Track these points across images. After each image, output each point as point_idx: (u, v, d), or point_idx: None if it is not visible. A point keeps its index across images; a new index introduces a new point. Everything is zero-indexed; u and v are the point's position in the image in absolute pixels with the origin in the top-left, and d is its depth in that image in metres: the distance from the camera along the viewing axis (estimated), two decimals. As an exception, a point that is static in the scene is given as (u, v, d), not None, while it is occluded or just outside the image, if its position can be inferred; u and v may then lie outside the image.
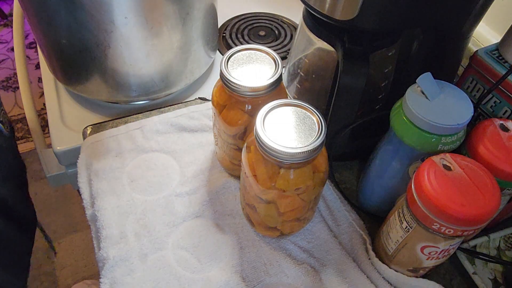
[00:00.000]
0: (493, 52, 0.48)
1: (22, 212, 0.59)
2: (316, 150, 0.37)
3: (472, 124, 0.42)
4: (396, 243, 0.42)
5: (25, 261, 0.61)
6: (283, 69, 0.47)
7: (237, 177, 0.53)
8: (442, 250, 0.38)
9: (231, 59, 0.45)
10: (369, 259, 0.46)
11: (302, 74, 0.55)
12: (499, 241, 0.48)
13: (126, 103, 0.66)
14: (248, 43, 0.77)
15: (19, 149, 0.63)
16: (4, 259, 0.54)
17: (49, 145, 0.65)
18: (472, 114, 0.39)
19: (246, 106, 0.44)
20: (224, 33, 0.79)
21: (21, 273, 0.59)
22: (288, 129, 0.38)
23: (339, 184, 0.54)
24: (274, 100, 0.41)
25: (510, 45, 0.46)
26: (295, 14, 0.84)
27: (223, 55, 0.55)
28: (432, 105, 0.40)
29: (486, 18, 0.58)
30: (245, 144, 0.42)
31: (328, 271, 0.46)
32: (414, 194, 0.37)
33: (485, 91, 0.48)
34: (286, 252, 0.47)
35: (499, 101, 0.47)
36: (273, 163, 0.38)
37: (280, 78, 0.44)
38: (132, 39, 0.54)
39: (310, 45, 0.52)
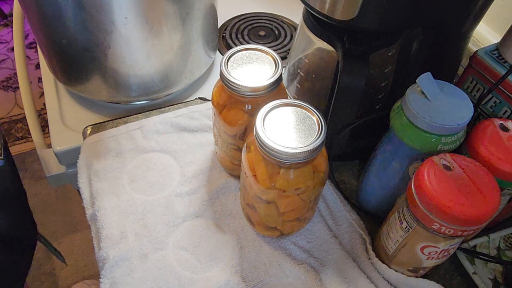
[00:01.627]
0: (493, 52, 0.48)
1: (20, 240, 0.58)
2: (316, 150, 0.37)
3: (472, 124, 0.42)
4: (396, 243, 0.42)
5: (19, 284, 0.60)
6: (283, 69, 0.47)
7: (237, 177, 0.53)
8: (442, 250, 0.38)
9: (231, 59, 0.45)
10: (369, 259, 0.46)
11: (302, 74, 0.55)
12: (499, 241, 0.48)
13: (126, 103, 0.66)
14: (248, 43, 0.77)
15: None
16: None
17: (49, 145, 0.65)
18: (472, 114, 0.39)
19: (246, 106, 0.44)
20: (224, 33, 0.79)
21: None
22: (288, 129, 0.38)
23: (339, 184, 0.54)
24: (274, 100, 0.41)
25: (510, 45, 0.46)
26: (295, 14, 0.84)
27: (223, 55, 0.55)
28: (432, 105, 0.40)
29: (486, 18, 0.58)
30: (245, 144, 0.42)
31: (328, 271, 0.46)
32: (414, 194, 0.37)
33: (485, 91, 0.48)
34: (286, 252, 0.47)
35: (499, 101, 0.47)
36: (273, 163, 0.38)
37: (280, 78, 0.44)
38: (132, 39, 0.54)
39: (310, 45, 0.52)
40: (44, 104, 1.61)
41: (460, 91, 0.41)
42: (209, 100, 0.63)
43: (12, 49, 2.00)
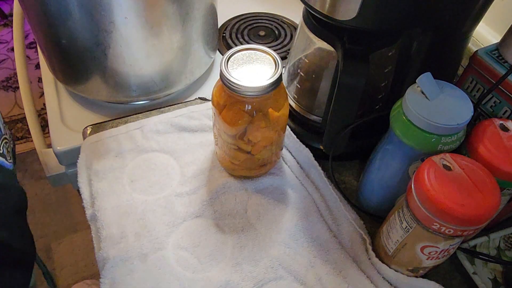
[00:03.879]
0: (493, 52, 0.48)
1: (20, 251, 0.56)
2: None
3: (472, 124, 0.42)
4: (396, 243, 0.42)
5: None
6: (283, 69, 0.47)
7: (237, 177, 0.53)
8: (442, 250, 0.38)
9: (231, 59, 0.45)
10: (369, 259, 0.46)
11: (302, 74, 0.55)
12: (499, 241, 0.48)
13: (126, 103, 0.66)
14: (248, 43, 0.77)
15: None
16: None
17: (49, 145, 0.65)
18: (472, 114, 0.39)
19: (246, 106, 0.44)
20: (224, 33, 0.79)
21: None
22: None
23: (339, 184, 0.54)
24: (274, 100, 0.41)
25: (510, 45, 0.46)
26: (295, 14, 0.84)
27: (223, 55, 0.55)
28: (432, 105, 0.40)
29: (486, 18, 0.58)
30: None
31: (328, 271, 0.46)
32: (414, 194, 0.37)
33: (485, 91, 0.48)
34: (286, 252, 0.47)
35: (499, 101, 0.47)
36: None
37: (280, 78, 0.44)
38: (132, 39, 0.54)
39: (310, 45, 0.52)
40: (44, 104, 1.61)
41: (460, 91, 0.41)
42: (209, 100, 0.63)
43: (12, 49, 2.00)
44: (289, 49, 0.76)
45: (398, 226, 0.40)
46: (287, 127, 0.54)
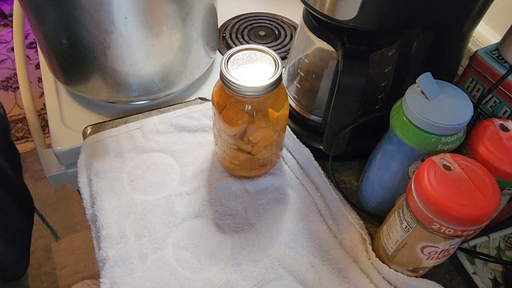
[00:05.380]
0: (493, 52, 0.48)
1: (19, 188, 0.57)
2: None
3: (472, 124, 0.42)
4: (396, 243, 0.42)
5: (26, 236, 0.59)
6: (283, 69, 0.47)
7: (237, 177, 0.53)
8: (442, 250, 0.38)
9: (231, 59, 0.45)
10: (369, 259, 0.46)
11: (302, 74, 0.55)
12: (499, 241, 0.48)
13: (126, 103, 0.66)
14: (248, 43, 0.77)
15: (19, 149, 0.62)
16: (4, 232, 0.52)
17: (49, 145, 0.65)
18: (472, 114, 0.39)
19: (246, 106, 0.44)
20: (224, 33, 0.79)
21: (23, 249, 0.57)
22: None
23: (339, 184, 0.54)
24: (274, 100, 0.41)
25: (510, 45, 0.46)
26: (295, 14, 0.84)
27: (223, 55, 0.55)
28: (432, 105, 0.40)
29: (486, 18, 0.58)
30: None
31: (328, 271, 0.46)
32: (414, 194, 0.37)
33: (485, 91, 0.48)
34: (286, 252, 0.47)
35: (499, 101, 0.47)
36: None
37: (280, 78, 0.44)
38: (132, 39, 0.54)
39: (310, 45, 0.52)
40: (44, 104, 1.61)
41: (460, 91, 0.41)
42: (209, 100, 0.63)
43: (12, 49, 2.00)
44: (289, 49, 0.76)
45: (398, 226, 0.40)
46: (287, 127, 0.54)
